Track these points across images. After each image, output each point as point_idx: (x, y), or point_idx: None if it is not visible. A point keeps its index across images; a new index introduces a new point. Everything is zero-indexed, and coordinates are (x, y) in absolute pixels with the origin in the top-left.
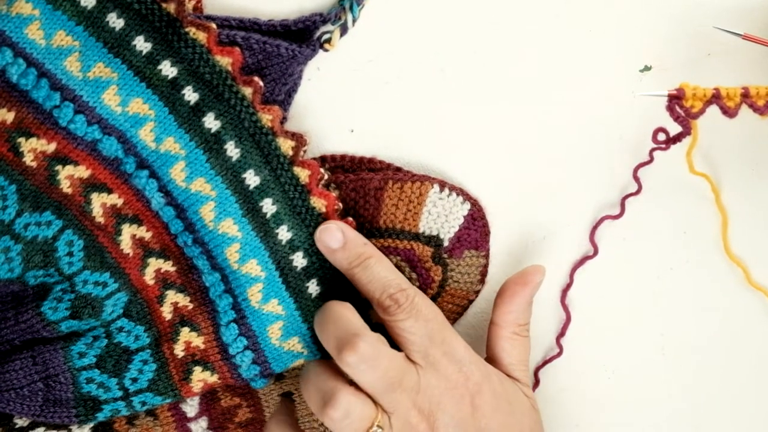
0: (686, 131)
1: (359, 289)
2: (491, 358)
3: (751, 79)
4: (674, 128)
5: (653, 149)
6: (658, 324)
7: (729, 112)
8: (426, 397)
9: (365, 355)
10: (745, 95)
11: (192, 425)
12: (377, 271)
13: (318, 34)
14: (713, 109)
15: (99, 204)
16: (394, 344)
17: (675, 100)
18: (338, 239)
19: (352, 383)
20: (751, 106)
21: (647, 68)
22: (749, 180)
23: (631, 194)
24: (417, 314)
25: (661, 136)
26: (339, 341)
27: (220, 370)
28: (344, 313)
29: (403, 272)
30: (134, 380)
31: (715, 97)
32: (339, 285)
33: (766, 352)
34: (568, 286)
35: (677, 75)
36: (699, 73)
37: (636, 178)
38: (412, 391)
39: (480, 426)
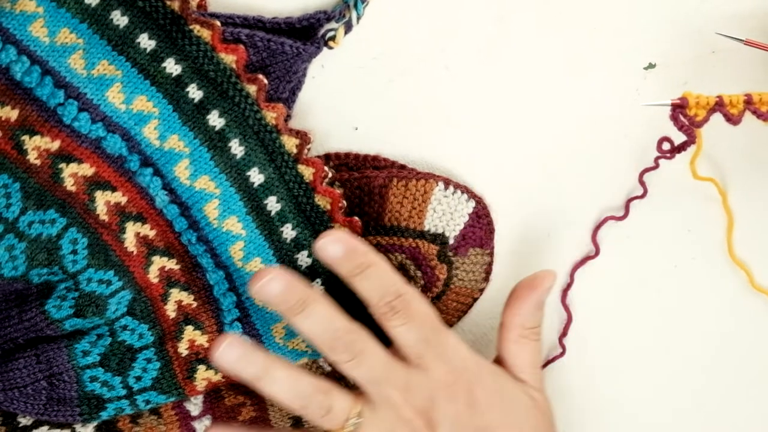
0: (691, 140)
1: (358, 295)
2: (500, 361)
3: (755, 77)
4: (679, 136)
5: (658, 158)
6: (662, 325)
7: (732, 120)
8: (418, 396)
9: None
10: (749, 102)
11: (196, 424)
12: (375, 280)
13: (322, 31)
14: (717, 116)
15: (103, 202)
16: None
17: (678, 109)
18: (338, 251)
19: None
20: (755, 112)
21: (651, 66)
22: (754, 185)
23: (636, 197)
24: (412, 319)
25: (666, 146)
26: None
27: None
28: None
29: (407, 271)
30: (138, 379)
31: (719, 105)
32: (343, 284)
33: None
34: (569, 285)
35: (682, 73)
36: (703, 71)
37: (642, 183)
38: (402, 389)
39: (478, 424)
